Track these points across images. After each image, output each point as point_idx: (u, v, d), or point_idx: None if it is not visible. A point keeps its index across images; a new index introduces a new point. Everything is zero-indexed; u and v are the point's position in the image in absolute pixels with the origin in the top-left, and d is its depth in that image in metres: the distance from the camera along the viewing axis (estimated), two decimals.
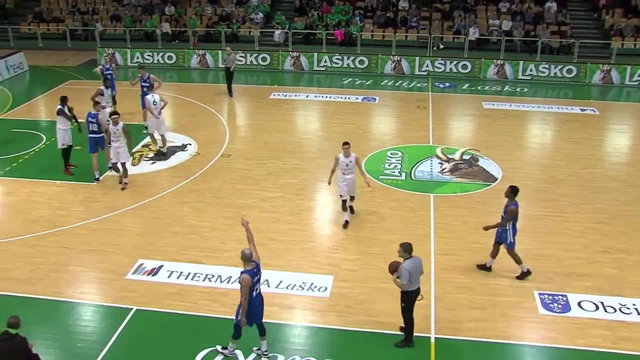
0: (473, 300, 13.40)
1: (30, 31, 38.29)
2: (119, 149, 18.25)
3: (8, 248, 15.56)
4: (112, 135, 18.19)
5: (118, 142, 18.19)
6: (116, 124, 18.13)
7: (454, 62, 31.30)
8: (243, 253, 10.97)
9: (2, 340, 10.02)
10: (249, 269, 10.92)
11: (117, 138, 18.16)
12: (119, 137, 18.16)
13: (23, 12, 40.44)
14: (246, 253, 10.97)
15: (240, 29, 35.88)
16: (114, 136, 18.17)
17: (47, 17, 38.82)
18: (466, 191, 18.49)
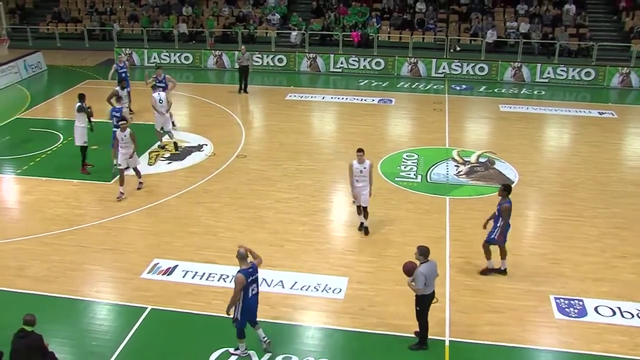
0: (488, 303, 13.33)
1: (49, 31, 38.55)
2: (126, 155, 18.01)
3: (25, 246, 15.67)
4: (120, 141, 17.92)
5: (126, 149, 17.96)
6: (124, 130, 17.90)
7: (471, 65, 31.17)
8: (238, 252, 11.14)
9: (19, 338, 10.12)
10: (245, 268, 11.06)
11: (125, 144, 17.94)
12: (127, 143, 17.92)
13: (42, 12, 40.71)
14: (241, 252, 11.14)
15: (257, 30, 35.94)
16: (121, 142, 17.92)
17: (65, 17, 39.06)
18: (482, 194, 18.40)
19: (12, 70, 30.86)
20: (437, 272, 11.63)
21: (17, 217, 17.49)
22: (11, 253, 15.36)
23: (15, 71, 31.04)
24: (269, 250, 15.27)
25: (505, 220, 13.90)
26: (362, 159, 15.42)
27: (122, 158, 17.99)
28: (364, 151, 15.56)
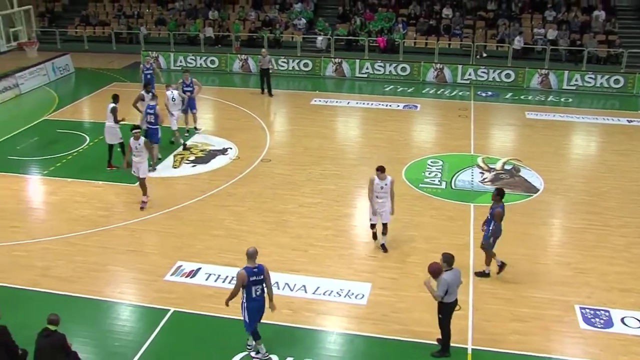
0: (512, 312, 13.19)
1: (77, 34, 38.97)
2: (139, 164, 17.52)
3: (50, 246, 15.80)
4: (134, 149, 17.42)
5: (139, 157, 17.49)
6: (137, 138, 17.39)
7: (497, 71, 30.97)
8: (247, 250, 11.24)
9: (43, 337, 10.23)
10: (249, 266, 11.12)
11: (138, 153, 17.44)
12: (140, 151, 17.42)
13: (70, 15, 41.16)
14: (250, 250, 11.24)
15: (282, 34, 36.04)
16: (135, 151, 17.42)
17: (93, 21, 39.45)
18: (507, 202, 18.18)
19: (40, 73, 31.22)
20: (460, 280, 11.54)
21: (43, 218, 17.65)
22: (37, 253, 15.51)
23: (43, 73, 31.40)
24: (292, 254, 15.29)
25: (497, 224, 13.92)
26: (383, 176, 14.99)
27: (133, 167, 17.66)
28: (385, 169, 15.08)
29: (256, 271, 11.11)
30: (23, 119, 25.63)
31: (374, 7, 37.15)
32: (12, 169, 20.59)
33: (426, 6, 36.81)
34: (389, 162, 20.43)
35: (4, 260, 15.10)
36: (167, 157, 21.16)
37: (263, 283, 11.27)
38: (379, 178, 14.98)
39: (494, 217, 13.93)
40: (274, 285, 13.78)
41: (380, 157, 21.25)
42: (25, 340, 10.91)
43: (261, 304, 11.40)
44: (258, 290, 11.25)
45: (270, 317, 12.74)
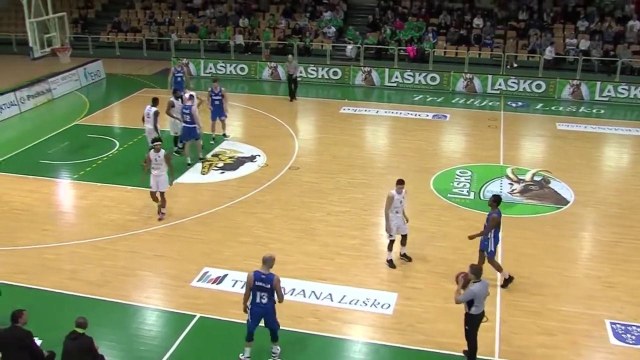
0: (540, 325, 13.03)
1: (109, 40, 39.42)
2: (158, 177, 17.18)
3: (79, 250, 15.95)
4: (153, 162, 17.07)
5: (158, 170, 17.13)
6: (158, 151, 17.08)
7: (528, 82, 30.72)
8: (265, 256, 11.31)
9: (71, 339, 10.32)
10: (259, 271, 11.17)
11: (157, 165, 17.10)
12: (159, 164, 17.10)
13: (103, 22, 41.65)
14: (265, 256, 11.29)
15: (312, 42, 36.11)
16: (154, 163, 17.07)
17: (125, 27, 39.88)
18: (536, 213, 18.08)
19: (72, 78, 31.61)
20: (488, 292, 11.43)
21: (72, 221, 17.83)
22: (66, 256, 15.66)
23: (75, 79, 31.79)
24: (319, 262, 15.27)
25: (489, 229, 13.91)
26: (401, 190, 14.78)
27: (153, 180, 17.26)
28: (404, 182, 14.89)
29: (264, 278, 11.12)
30: (55, 124, 25.96)
31: (404, 16, 37.11)
32: (43, 172, 20.84)
33: (457, 16, 36.67)
34: (417, 172, 20.56)
35: (33, 262, 15.27)
36: (195, 164, 21.27)
37: (269, 292, 11.20)
38: (398, 192, 14.73)
39: (489, 222, 13.98)
40: (299, 293, 13.90)
41: (409, 166, 21.21)
42: (53, 343, 11.06)
43: (266, 311, 11.37)
44: (264, 297, 11.23)
45: (296, 325, 12.81)
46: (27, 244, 16.25)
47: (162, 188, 17.38)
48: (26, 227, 17.17)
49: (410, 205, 17.96)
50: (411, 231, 16.63)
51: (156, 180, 17.22)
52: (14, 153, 22.63)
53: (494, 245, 14.09)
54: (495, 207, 14.00)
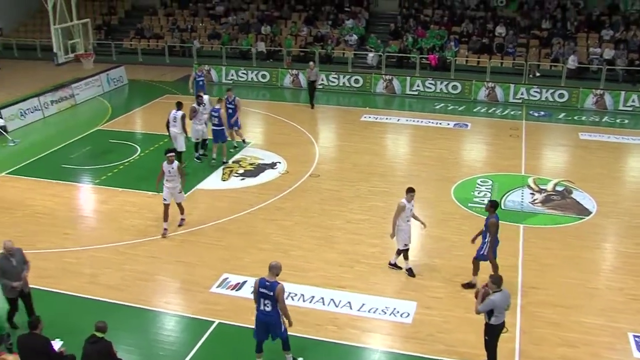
0: (561, 337, 12.89)
1: (132, 47, 39.73)
2: (173, 189, 16.82)
3: (100, 254, 16.04)
4: (167, 174, 16.68)
5: (173, 182, 16.76)
6: (171, 162, 16.66)
7: (550, 91, 30.49)
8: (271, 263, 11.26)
9: (90, 343, 10.41)
10: (265, 277, 11.15)
11: (171, 177, 16.71)
12: (173, 176, 16.70)
13: (126, 28, 42.00)
14: (271, 263, 11.23)
15: (334, 50, 36.14)
16: (168, 175, 16.68)
17: (148, 34, 40.17)
18: (558, 224, 17.91)
19: (95, 84, 31.88)
20: (509, 302, 11.32)
21: (93, 226, 17.94)
22: (86, 260, 15.76)
23: (98, 84, 32.05)
24: (338, 270, 15.24)
25: (492, 235, 13.92)
26: (412, 198, 14.73)
27: (167, 192, 16.86)
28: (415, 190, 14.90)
29: (267, 285, 11.07)
30: (77, 129, 26.18)
31: (426, 24, 37.03)
32: (65, 177, 21.01)
33: (479, 24, 36.52)
34: (438, 181, 20.48)
35: (54, 266, 15.38)
36: (215, 171, 21.33)
37: (273, 300, 11.12)
38: (408, 201, 14.66)
39: (488, 227, 13.98)
40: (319, 301, 13.86)
41: (430, 175, 21.13)
42: (73, 346, 11.11)
43: (270, 320, 11.30)
44: (267, 305, 11.17)
45: (316, 332, 12.79)
46: (48, 247, 16.37)
47: (178, 199, 17.14)
48: (47, 231, 17.31)
49: (431, 214, 17.96)
50: (431, 240, 16.66)
51: (171, 192, 16.87)
52: (37, 157, 22.84)
53: (486, 250, 14.12)
54: (492, 212, 14.07)
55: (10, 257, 12.09)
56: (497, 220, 14.00)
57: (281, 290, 11.08)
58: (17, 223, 17.81)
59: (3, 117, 25.69)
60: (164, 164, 16.71)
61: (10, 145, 24.39)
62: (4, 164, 22.28)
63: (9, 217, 18.14)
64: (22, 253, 12.44)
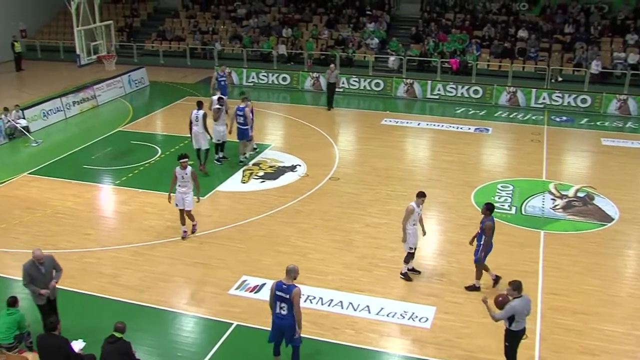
0: (582, 344, 12.75)
1: (153, 48, 39.98)
2: (185, 195, 16.52)
3: (119, 255, 16.12)
4: (180, 179, 16.46)
5: (185, 188, 16.51)
6: (184, 168, 16.43)
7: (573, 96, 30.25)
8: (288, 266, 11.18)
9: (110, 343, 10.50)
10: (282, 280, 11.11)
11: (184, 183, 16.49)
12: (186, 182, 16.50)
13: (148, 30, 42.28)
14: (288, 267, 11.16)
15: (355, 53, 36.10)
16: (181, 181, 16.46)
17: (169, 36, 40.38)
18: (579, 230, 17.75)
19: (117, 85, 32.10)
20: (529, 309, 11.23)
21: (113, 226, 18.03)
22: (107, 261, 15.84)
23: (120, 86, 32.27)
24: (357, 274, 15.20)
25: (487, 237, 13.99)
26: (422, 202, 14.75)
27: (179, 197, 16.60)
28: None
29: (284, 288, 11.03)
30: (99, 130, 26.37)
31: (448, 28, 36.91)
32: (86, 177, 21.16)
33: (501, 28, 36.34)
34: (458, 185, 20.38)
35: (75, 266, 15.46)
36: (236, 172, 21.39)
37: (289, 304, 11.07)
38: (417, 205, 14.67)
39: (484, 230, 14.02)
40: (337, 304, 13.84)
41: (450, 179, 21.03)
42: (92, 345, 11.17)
43: (285, 323, 11.24)
44: (283, 308, 11.13)
45: (334, 336, 12.78)
46: (69, 247, 16.48)
47: (188, 207, 16.73)
48: (68, 231, 17.43)
49: (451, 219, 17.90)
50: (451, 245, 16.60)
51: (182, 198, 16.60)
52: (59, 158, 23.02)
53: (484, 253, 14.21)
54: (488, 214, 14.11)
55: (39, 265, 12.13)
56: (492, 223, 14.09)
57: (297, 293, 11.05)
58: (39, 222, 17.96)
59: (26, 118, 25.93)
60: (177, 169, 16.51)
61: (33, 145, 24.61)
62: (27, 164, 22.49)
63: (31, 217, 18.29)
64: (54, 260, 12.44)
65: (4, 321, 11.53)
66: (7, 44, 38.96)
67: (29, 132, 25.48)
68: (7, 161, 23.58)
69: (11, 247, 16.56)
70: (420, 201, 14.65)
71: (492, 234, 14.06)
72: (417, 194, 14.72)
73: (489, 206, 14.25)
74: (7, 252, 16.33)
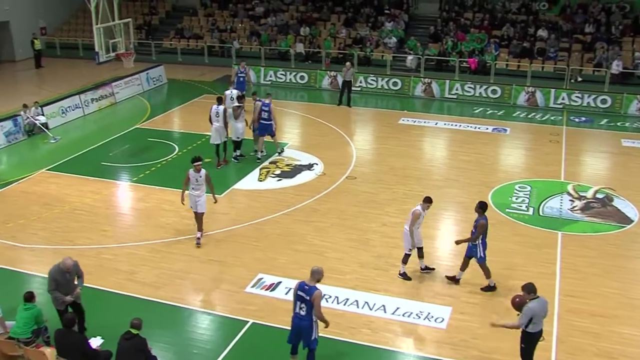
0: (600, 347, 12.64)
1: (171, 46, 40.09)
2: (198, 198, 16.25)
3: (136, 251, 16.18)
4: (193, 182, 16.16)
5: (199, 191, 16.26)
6: (198, 171, 16.14)
7: (593, 96, 29.98)
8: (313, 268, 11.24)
9: (126, 339, 10.54)
10: (304, 281, 11.17)
11: (198, 186, 16.21)
12: (200, 185, 16.22)
13: (166, 28, 42.40)
14: (314, 269, 11.19)
15: (373, 52, 36.02)
16: (195, 183, 16.16)
17: (187, 34, 40.49)
18: (598, 232, 17.60)
19: (135, 82, 32.25)
20: (547, 310, 11.14)
21: (130, 223, 18.11)
22: (124, 257, 15.92)
23: (138, 83, 32.42)
24: (373, 273, 15.17)
25: (478, 235, 14.06)
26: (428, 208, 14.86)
27: (192, 199, 16.33)
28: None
29: (306, 289, 11.04)
30: (117, 127, 26.50)
31: (466, 27, 36.71)
32: (104, 174, 21.26)
33: (520, 28, 36.11)
34: (475, 185, 20.29)
35: (92, 262, 15.54)
36: (253, 170, 21.41)
37: (308, 305, 11.07)
38: (424, 210, 14.76)
39: (477, 228, 14.10)
40: (353, 303, 13.82)
41: (467, 179, 20.94)
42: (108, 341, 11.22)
43: (304, 324, 11.23)
44: (303, 309, 11.13)
45: (350, 335, 12.77)
46: (86, 244, 16.58)
47: (200, 209, 16.41)
48: (86, 227, 17.53)
49: (468, 219, 17.75)
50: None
51: (195, 200, 16.31)
52: (77, 154, 23.15)
53: (483, 251, 14.23)
54: (481, 213, 14.13)
55: (66, 273, 12.16)
56: (486, 221, 14.13)
57: (318, 296, 11.03)
58: (57, 219, 18.07)
59: (45, 115, 26.10)
60: (191, 171, 16.21)
61: (52, 142, 24.77)
62: (45, 160, 22.65)
63: (49, 213, 18.41)
64: (78, 266, 12.44)
65: (21, 316, 11.61)
66: (27, 42, 39.27)
67: (47, 128, 25.64)
68: (26, 157, 23.77)
69: (29, 242, 16.69)
70: (426, 206, 14.73)
71: (484, 233, 14.10)
72: (425, 199, 14.77)
73: (481, 205, 14.26)
74: (25, 247, 16.46)
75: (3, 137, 24.30)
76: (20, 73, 38.07)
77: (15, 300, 12.25)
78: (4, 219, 18.05)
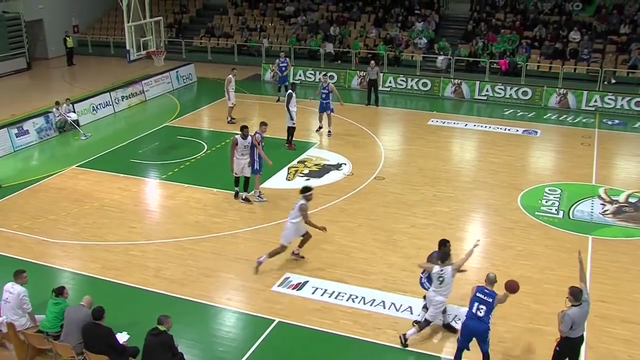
0: (632, 355, 12.41)
1: (202, 45, 40.29)
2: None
3: (164, 248, 16.25)
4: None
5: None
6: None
7: (627, 99, 29.50)
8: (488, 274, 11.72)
9: (152, 335, 10.59)
10: (482, 285, 11.64)
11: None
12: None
13: (196, 27, 42.62)
14: (489, 276, 11.65)
15: (403, 52, 35.86)
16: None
17: (217, 33, 40.66)
18: (630, 236, 17.32)
19: (165, 80, 32.46)
20: (586, 317, 10.90)
21: (158, 220, 18.20)
22: (151, 254, 15.99)
23: (168, 81, 32.63)
24: (401, 274, 15.07)
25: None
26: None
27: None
28: None
29: (487, 292, 11.42)
30: (146, 124, 26.69)
31: (498, 28, 36.39)
32: (133, 171, 21.41)
33: (552, 29, 35.70)
34: (505, 187, 20.10)
35: (120, 258, 15.66)
36: (281, 169, 21.39)
37: (487, 305, 11.37)
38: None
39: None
40: (379, 304, 13.76)
41: (496, 181, 20.74)
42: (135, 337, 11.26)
43: (481, 328, 11.42)
44: (481, 310, 11.36)
45: (376, 336, 12.72)
46: (114, 240, 16.69)
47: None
48: (115, 224, 17.66)
49: (497, 222, 17.68)
50: (496, 248, 16.36)
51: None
52: (107, 151, 23.36)
53: None
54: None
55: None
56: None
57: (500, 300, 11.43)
58: (86, 214, 18.22)
59: (76, 112, 26.36)
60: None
61: (82, 138, 25.01)
62: (76, 156, 22.88)
63: (78, 209, 18.58)
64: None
65: (50, 310, 11.70)
66: (60, 40, 39.73)
67: (78, 125, 25.90)
68: (57, 153, 24.04)
69: (59, 238, 16.85)
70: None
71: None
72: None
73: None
74: (55, 242, 16.62)
75: (35, 133, 24.60)
76: (53, 70, 38.53)
77: (45, 295, 12.36)
78: (36, 214, 18.25)
